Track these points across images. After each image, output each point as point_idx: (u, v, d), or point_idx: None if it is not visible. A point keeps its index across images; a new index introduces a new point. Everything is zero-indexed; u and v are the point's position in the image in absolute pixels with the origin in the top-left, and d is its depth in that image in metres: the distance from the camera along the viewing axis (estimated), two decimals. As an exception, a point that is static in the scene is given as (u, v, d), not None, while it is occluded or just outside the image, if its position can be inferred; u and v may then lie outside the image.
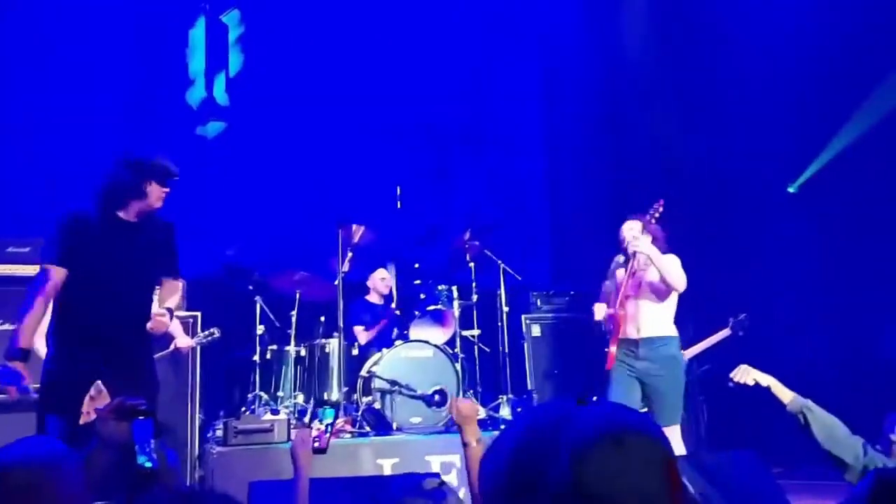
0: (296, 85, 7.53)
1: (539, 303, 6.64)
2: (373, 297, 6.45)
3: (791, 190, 6.58)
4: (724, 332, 5.72)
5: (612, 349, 4.38)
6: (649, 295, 4.40)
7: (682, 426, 5.40)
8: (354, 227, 5.92)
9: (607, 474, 0.87)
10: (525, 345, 6.24)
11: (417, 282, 5.95)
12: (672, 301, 4.45)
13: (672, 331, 4.44)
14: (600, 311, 4.45)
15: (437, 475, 3.50)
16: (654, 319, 4.39)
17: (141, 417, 2.03)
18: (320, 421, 2.56)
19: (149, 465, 1.99)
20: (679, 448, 4.18)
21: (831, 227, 6.21)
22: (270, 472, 3.65)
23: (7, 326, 3.65)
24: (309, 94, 7.57)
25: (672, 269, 4.30)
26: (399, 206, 6.48)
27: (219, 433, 4.60)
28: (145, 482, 2.77)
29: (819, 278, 6.37)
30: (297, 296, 5.72)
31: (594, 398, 0.99)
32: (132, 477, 2.53)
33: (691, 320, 6.16)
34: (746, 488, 3.41)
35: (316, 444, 2.53)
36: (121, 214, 3.51)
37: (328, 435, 2.56)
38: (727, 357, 5.85)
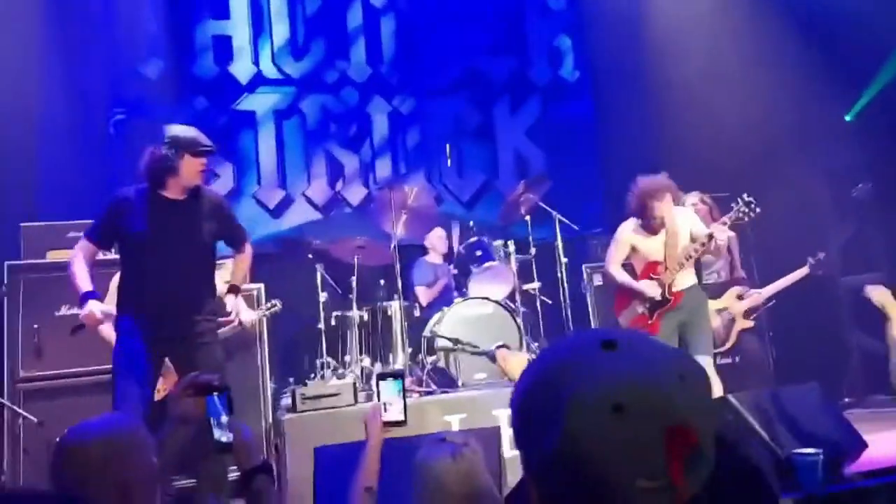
0: (340, 47, 7.53)
1: (599, 250, 6.53)
2: (432, 257, 6.46)
3: (848, 118, 6.27)
4: (803, 271, 5.71)
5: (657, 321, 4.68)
6: None
7: (755, 362, 5.68)
8: (407, 188, 5.90)
9: (601, 441, 0.81)
10: (587, 294, 6.17)
11: (473, 239, 5.92)
12: None
13: (694, 275, 4.82)
14: (653, 288, 4.71)
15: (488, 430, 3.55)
16: (684, 272, 4.72)
17: (215, 393, 2.06)
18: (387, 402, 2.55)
19: (224, 440, 2.01)
20: (715, 381, 4.33)
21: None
22: (339, 435, 3.71)
23: (74, 311, 3.76)
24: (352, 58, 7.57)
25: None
26: (449, 164, 6.42)
27: (288, 401, 4.72)
28: (222, 457, 2.86)
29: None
30: (356, 261, 5.76)
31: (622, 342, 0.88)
32: (208, 453, 2.61)
33: (771, 259, 6.03)
34: (811, 421, 3.35)
35: (389, 419, 2.53)
36: (164, 193, 3.51)
37: (403, 405, 2.54)
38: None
